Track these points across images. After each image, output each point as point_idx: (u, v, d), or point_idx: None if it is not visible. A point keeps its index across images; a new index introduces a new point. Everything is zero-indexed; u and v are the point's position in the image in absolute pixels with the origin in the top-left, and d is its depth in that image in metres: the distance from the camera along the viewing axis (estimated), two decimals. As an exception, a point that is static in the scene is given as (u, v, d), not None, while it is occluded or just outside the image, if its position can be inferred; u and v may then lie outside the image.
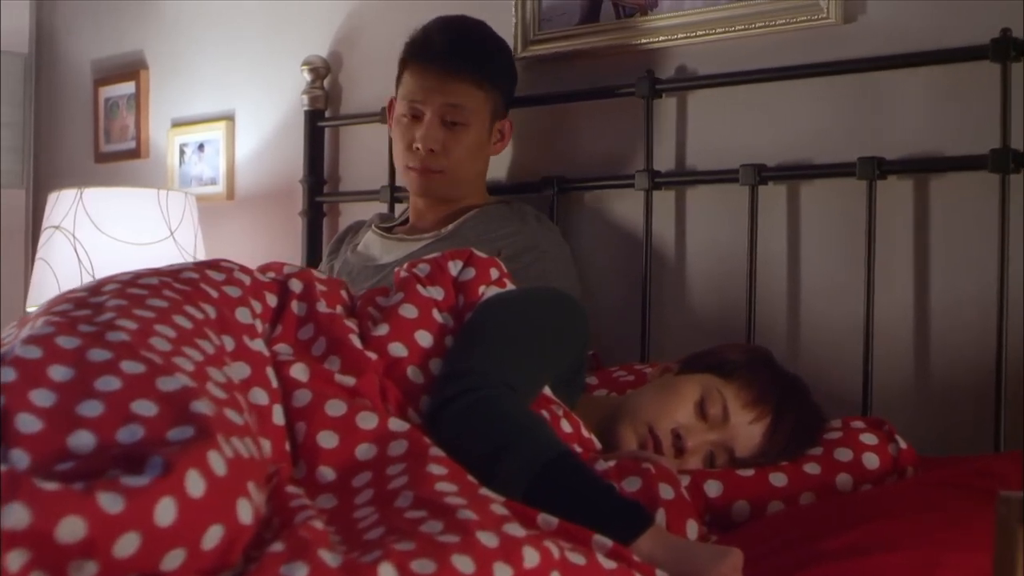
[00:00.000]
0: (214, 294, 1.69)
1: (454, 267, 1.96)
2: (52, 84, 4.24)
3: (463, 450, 1.63)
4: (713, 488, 1.87)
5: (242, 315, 1.71)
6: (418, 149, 2.58)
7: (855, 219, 2.35)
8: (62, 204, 3.27)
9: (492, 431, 1.68)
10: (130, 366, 1.37)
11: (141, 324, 1.48)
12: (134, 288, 1.60)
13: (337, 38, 3.34)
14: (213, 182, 3.62)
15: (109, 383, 1.34)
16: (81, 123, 4.11)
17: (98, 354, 1.39)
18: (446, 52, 2.57)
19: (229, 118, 3.61)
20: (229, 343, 1.62)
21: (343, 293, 1.92)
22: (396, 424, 1.62)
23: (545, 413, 1.85)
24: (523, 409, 1.75)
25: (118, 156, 3.95)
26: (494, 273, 1.97)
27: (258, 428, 1.51)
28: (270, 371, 1.65)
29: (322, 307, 1.81)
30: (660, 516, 1.68)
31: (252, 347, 1.66)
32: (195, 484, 1.21)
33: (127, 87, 3.91)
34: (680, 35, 2.61)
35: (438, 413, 1.72)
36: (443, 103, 2.56)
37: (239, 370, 1.59)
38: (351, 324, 1.81)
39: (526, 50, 2.81)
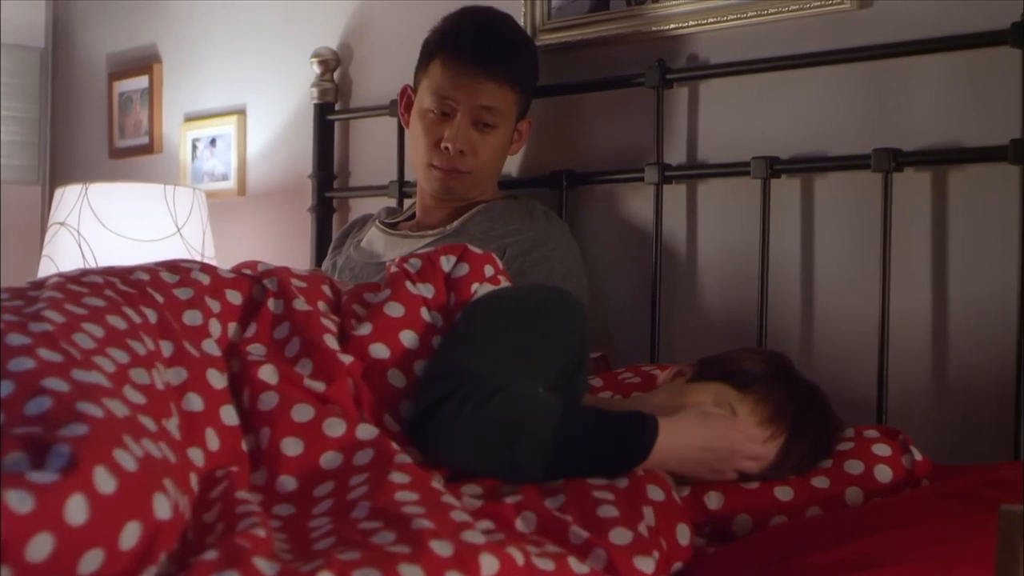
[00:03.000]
0: (159, 299, 1.64)
1: (447, 263, 1.88)
2: (68, 79, 4.21)
3: (471, 454, 1.63)
4: (714, 500, 1.79)
5: (191, 318, 1.66)
6: (447, 149, 2.48)
7: (871, 213, 2.25)
8: (67, 200, 3.22)
9: (493, 430, 1.64)
10: (47, 354, 1.34)
11: (69, 319, 1.45)
12: (75, 285, 1.57)
13: (347, 29, 3.27)
14: (225, 177, 3.57)
15: (23, 364, 1.31)
16: (96, 118, 4.07)
17: (16, 339, 1.36)
18: (484, 51, 2.47)
19: (240, 112, 3.55)
20: (167, 348, 1.57)
21: (325, 289, 1.85)
22: (365, 432, 1.56)
23: None
24: (514, 396, 1.69)
25: (132, 151, 3.90)
26: (488, 270, 1.89)
27: (186, 436, 1.46)
28: (213, 373, 1.59)
29: (300, 305, 1.75)
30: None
31: (193, 352, 1.60)
32: (105, 481, 1.17)
33: (141, 81, 3.86)
34: (691, 22, 2.53)
35: (426, 417, 1.66)
36: (477, 104, 2.47)
37: (175, 375, 1.54)
38: (329, 323, 1.75)
39: (535, 39, 2.72)
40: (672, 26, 2.56)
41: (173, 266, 1.74)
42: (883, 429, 1.96)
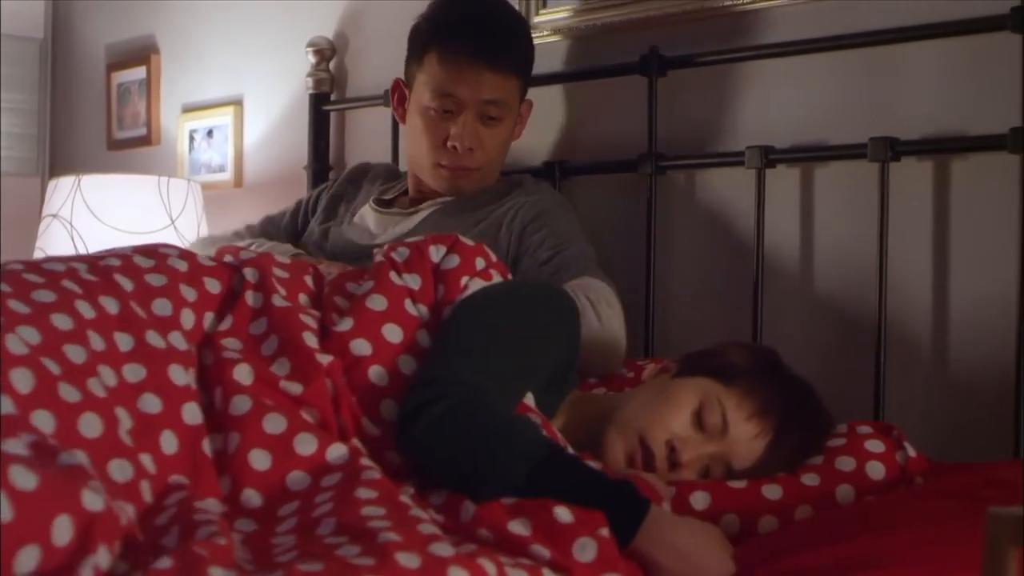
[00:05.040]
0: (128, 286, 1.57)
1: (436, 253, 1.80)
2: (67, 70, 4.18)
3: (440, 466, 1.55)
4: (700, 500, 1.72)
5: (161, 307, 1.59)
6: (455, 148, 2.37)
7: (869, 203, 2.19)
8: (60, 192, 3.19)
9: (466, 445, 1.55)
10: None
11: (5, 320, 1.39)
12: (32, 274, 1.50)
13: (343, 18, 3.23)
14: (222, 169, 3.53)
15: None
16: (95, 109, 4.04)
17: None
18: (484, 42, 2.35)
19: (237, 103, 3.51)
20: (125, 342, 1.51)
21: (307, 280, 1.79)
22: (335, 453, 1.50)
23: None
24: (499, 414, 1.61)
25: (130, 143, 3.87)
26: (480, 263, 1.81)
27: (137, 441, 1.40)
28: (176, 369, 1.53)
29: (278, 300, 1.68)
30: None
31: (158, 344, 1.54)
32: (23, 478, 1.14)
33: (139, 72, 3.83)
34: (688, 7, 2.47)
35: (406, 426, 1.59)
36: (484, 100, 2.36)
37: (132, 372, 1.48)
38: (309, 320, 1.68)
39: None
40: (667, 12, 2.50)
41: (150, 251, 1.67)
42: (876, 425, 1.90)
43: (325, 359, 1.62)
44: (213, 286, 1.68)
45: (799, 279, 2.34)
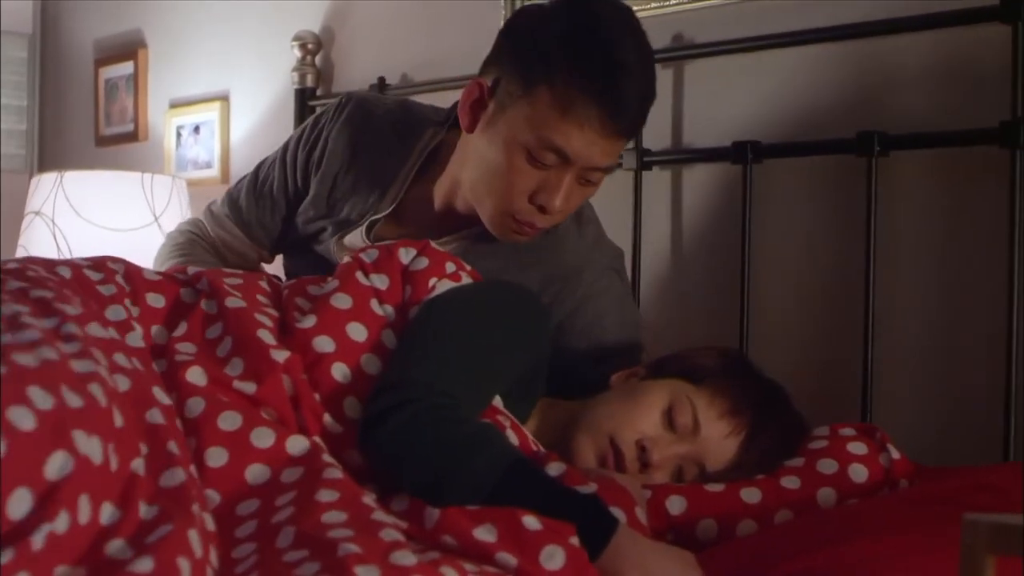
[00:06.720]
0: (67, 310, 1.50)
1: (405, 255, 1.76)
2: (57, 65, 4.15)
3: (404, 472, 1.50)
4: (676, 505, 1.67)
5: (94, 330, 1.51)
6: (542, 208, 1.89)
7: (858, 199, 2.14)
8: (42, 189, 3.16)
9: (432, 453, 1.51)
10: None
11: None
12: None
13: (330, 12, 3.19)
14: (208, 165, 3.50)
15: None
16: (84, 105, 4.02)
17: None
18: (628, 106, 1.84)
19: (224, 98, 3.47)
20: None
21: (262, 283, 1.76)
22: (295, 445, 1.47)
23: None
24: (465, 421, 1.56)
25: (118, 139, 3.84)
26: (450, 267, 1.77)
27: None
28: (96, 389, 1.46)
29: (232, 302, 1.65)
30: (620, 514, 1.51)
31: (80, 369, 1.45)
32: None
33: (126, 67, 3.80)
34: (673, 0, 2.43)
35: (370, 430, 1.54)
36: (595, 166, 1.88)
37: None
38: (264, 318, 1.64)
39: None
40: (653, 5, 2.46)
41: (99, 264, 1.65)
42: (859, 426, 1.85)
43: (281, 355, 1.58)
44: (156, 300, 1.65)
45: (787, 276, 2.29)
